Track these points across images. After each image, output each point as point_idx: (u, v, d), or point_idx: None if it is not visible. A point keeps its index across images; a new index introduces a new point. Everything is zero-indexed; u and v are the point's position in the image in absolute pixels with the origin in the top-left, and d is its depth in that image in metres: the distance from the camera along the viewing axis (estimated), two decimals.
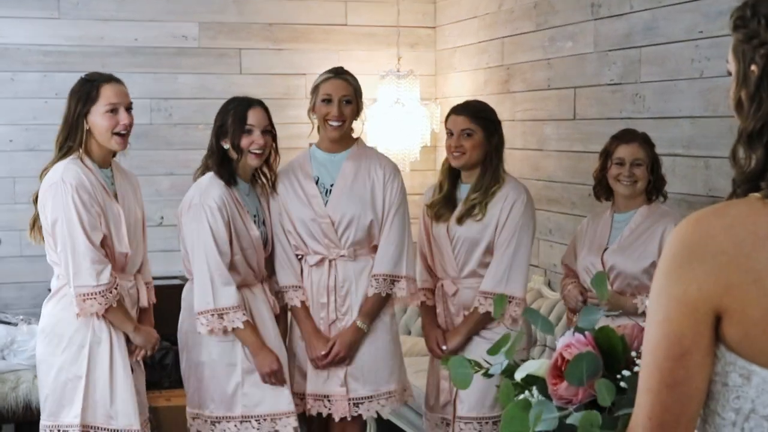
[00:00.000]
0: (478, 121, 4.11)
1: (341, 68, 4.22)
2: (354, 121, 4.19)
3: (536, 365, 1.97)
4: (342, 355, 4.07)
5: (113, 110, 3.82)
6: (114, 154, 3.99)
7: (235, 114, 4.00)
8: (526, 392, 1.94)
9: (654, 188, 4.00)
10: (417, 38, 6.99)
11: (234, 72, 6.62)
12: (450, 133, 4.12)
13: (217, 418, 4.02)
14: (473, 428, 4.05)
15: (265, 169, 4.17)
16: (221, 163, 4.01)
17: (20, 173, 6.04)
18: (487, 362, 2.10)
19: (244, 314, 3.91)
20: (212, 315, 3.90)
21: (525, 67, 5.82)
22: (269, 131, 4.07)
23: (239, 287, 3.95)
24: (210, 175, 4.02)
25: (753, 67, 1.50)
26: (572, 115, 5.33)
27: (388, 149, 6.41)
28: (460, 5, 6.64)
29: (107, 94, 3.83)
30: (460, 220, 4.09)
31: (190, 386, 4.13)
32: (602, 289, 2.09)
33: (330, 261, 4.10)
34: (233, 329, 3.92)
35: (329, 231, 4.08)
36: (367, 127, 6.23)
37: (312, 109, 4.17)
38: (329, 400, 4.11)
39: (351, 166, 4.17)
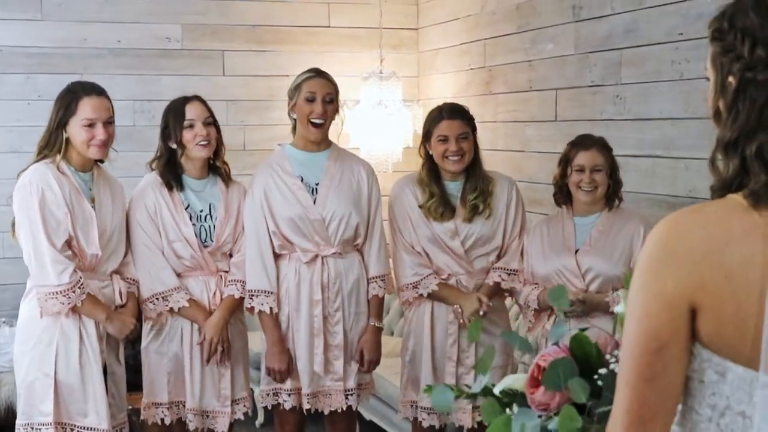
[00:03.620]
0: (470, 122, 4.23)
1: (319, 69, 4.28)
2: (332, 121, 4.24)
3: (512, 379, 2.03)
4: (376, 359, 4.28)
5: (90, 125, 3.86)
6: (100, 159, 4.03)
7: (174, 112, 4.13)
8: (507, 410, 1.97)
9: (612, 192, 4.05)
10: (399, 40, 7.01)
11: (217, 74, 6.64)
12: (444, 139, 4.15)
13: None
14: None
15: (218, 163, 4.25)
16: (166, 164, 4.16)
17: (2, 175, 6.01)
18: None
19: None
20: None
21: (507, 69, 5.84)
22: (211, 123, 4.15)
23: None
24: (149, 176, 4.20)
25: (730, 79, 1.53)
26: (554, 117, 5.36)
27: (370, 150, 6.44)
28: (442, 7, 6.67)
29: (86, 109, 3.87)
30: (469, 219, 4.19)
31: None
32: (562, 301, 2.15)
33: (322, 258, 4.15)
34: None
35: (320, 228, 4.13)
36: (349, 129, 6.26)
37: (293, 108, 4.19)
38: (326, 395, 4.21)
39: (334, 166, 4.22)
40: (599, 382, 1.82)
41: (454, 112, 4.22)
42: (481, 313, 4.10)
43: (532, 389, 1.91)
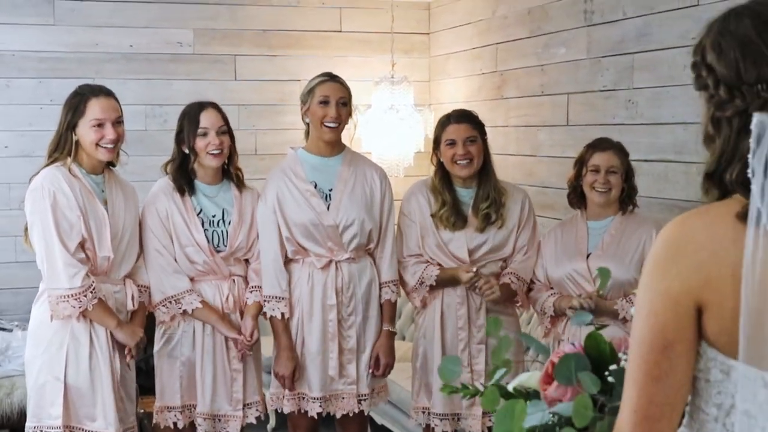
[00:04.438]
0: (478, 127, 4.23)
1: (331, 72, 4.28)
2: (346, 125, 4.24)
3: (527, 376, 2.06)
4: (392, 363, 4.30)
5: (99, 125, 3.87)
6: (111, 163, 4.04)
7: (189, 118, 4.12)
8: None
9: (627, 197, 4.06)
10: (411, 44, 7.02)
11: (228, 78, 6.65)
12: (452, 143, 4.15)
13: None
14: None
15: (232, 169, 4.24)
16: (179, 168, 4.16)
17: (15, 179, 6.05)
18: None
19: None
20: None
21: (519, 74, 5.84)
22: (225, 132, 4.14)
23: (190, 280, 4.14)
24: (161, 180, 4.21)
25: (710, 113, 1.59)
26: (565, 121, 5.35)
27: (382, 155, 6.44)
28: (454, 12, 6.67)
29: (94, 109, 3.88)
30: (481, 229, 4.20)
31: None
32: (605, 281, 2.17)
33: (336, 263, 4.16)
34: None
35: (333, 235, 4.13)
36: (361, 133, 6.26)
37: (306, 112, 4.19)
38: (339, 399, 4.21)
39: (348, 171, 4.22)
40: (610, 379, 1.84)
41: (461, 116, 4.24)
42: (474, 269, 4.12)
43: (546, 385, 1.93)
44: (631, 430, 1.59)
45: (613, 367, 1.87)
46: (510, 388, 2.05)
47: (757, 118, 1.47)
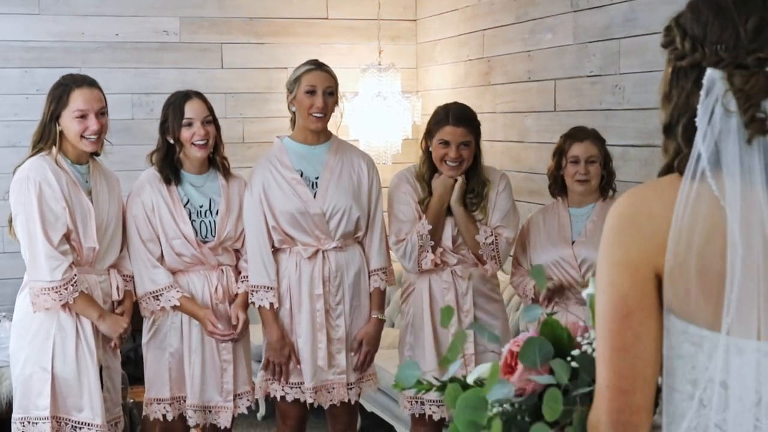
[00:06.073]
0: (474, 130, 4.18)
1: (318, 60, 4.25)
2: (332, 113, 4.22)
3: (486, 368, 2.00)
4: (372, 351, 4.27)
5: (83, 116, 3.85)
6: (95, 152, 4.02)
7: (174, 108, 4.10)
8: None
9: (606, 183, 4.12)
10: (398, 31, 7.00)
11: (215, 66, 6.63)
12: (445, 143, 4.12)
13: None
14: None
15: (218, 158, 4.22)
16: (164, 158, 4.13)
17: (1, 169, 6.03)
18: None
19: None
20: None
21: (505, 60, 5.83)
22: (211, 121, 4.11)
23: (173, 273, 4.11)
24: (147, 171, 4.18)
25: (669, 69, 1.66)
26: (553, 107, 5.35)
27: (370, 142, 6.44)
28: None
29: (77, 100, 3.86)
30: None
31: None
32: (542, 280, 2.15)
33: (323, 252, 4.14)
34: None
35: (320, 223, 4.11)
36: (348, 121, 6.25)
37: (292, 101, 4.17)
38: (329, 390, 4.19)
39: (334, 159, 4.20)
40: (573, 364, 1.83)
41: (460, 119, 4.14)
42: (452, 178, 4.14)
43: (507, 375, 1.90)
44: (608, 407, 1.61)
45: (575, 352, 1.84)
46: (470, 380, 2.00)
47: (709, 72, 1.56)
